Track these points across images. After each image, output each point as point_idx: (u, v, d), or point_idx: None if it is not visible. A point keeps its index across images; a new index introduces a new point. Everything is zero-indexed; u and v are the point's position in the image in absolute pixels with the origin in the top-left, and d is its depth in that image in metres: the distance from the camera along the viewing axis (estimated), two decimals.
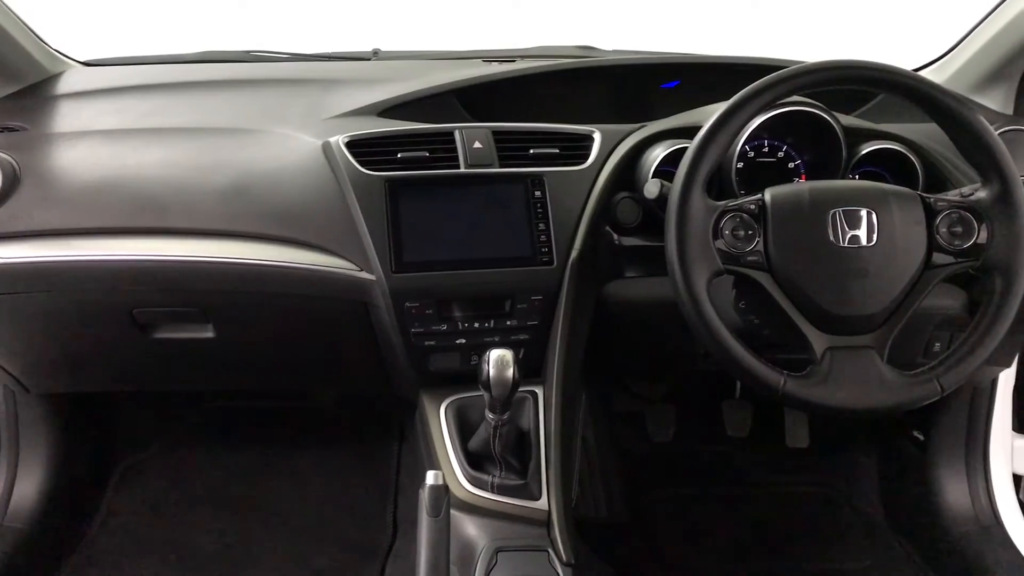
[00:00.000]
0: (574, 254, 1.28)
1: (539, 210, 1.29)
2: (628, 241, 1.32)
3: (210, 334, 1.39)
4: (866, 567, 1.74)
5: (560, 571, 1.13)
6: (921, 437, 1.75)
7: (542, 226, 1.28)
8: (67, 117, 1.51)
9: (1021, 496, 1.67)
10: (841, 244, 1.08)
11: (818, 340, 1.08)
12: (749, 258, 1.10)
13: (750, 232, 1.10)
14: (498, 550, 1.15)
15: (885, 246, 1.08)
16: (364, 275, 1.26)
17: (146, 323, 1.38)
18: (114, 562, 1.74)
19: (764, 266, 1.10)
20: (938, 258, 1.09)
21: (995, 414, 1.63)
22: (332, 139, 1.33)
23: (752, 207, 1.11)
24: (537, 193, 1.30)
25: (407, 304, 1.26)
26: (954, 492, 1.67)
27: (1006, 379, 1.62)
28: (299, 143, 1.37)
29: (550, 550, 1.16)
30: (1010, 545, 1.56)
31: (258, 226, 1.28)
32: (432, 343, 1.30)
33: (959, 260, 1.09)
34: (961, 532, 1.63)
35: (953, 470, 1.67)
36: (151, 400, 2.01)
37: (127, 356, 1.50)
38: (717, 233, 1.09)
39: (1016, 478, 1.66)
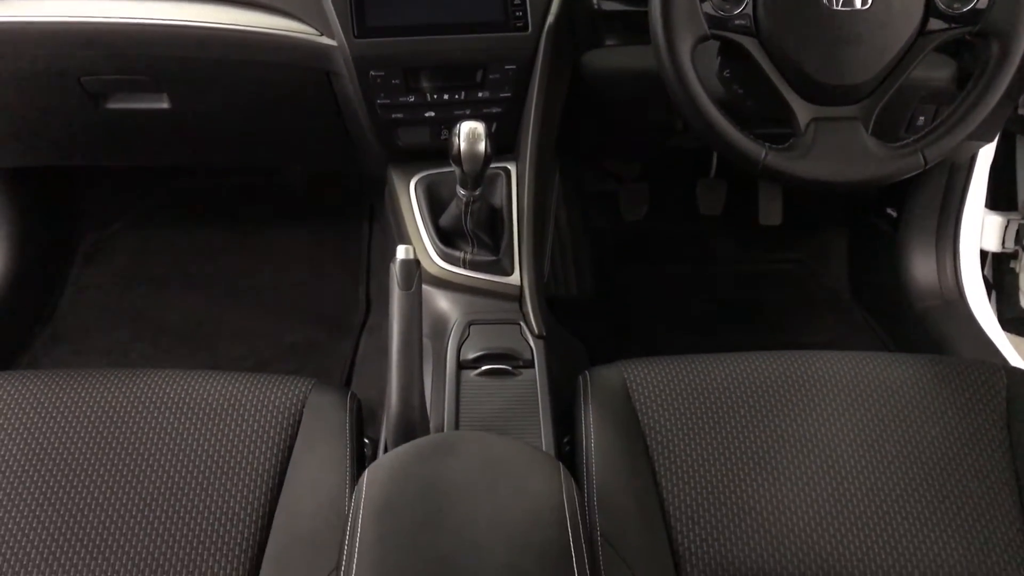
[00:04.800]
0: (550, 19, 1.20)
1: None
2: (608, 5, 1.23)
3: (165, 104, 1.32)
4: (829, 339, 1.79)
5: (531, 343, 1.15)
6: (895, 214, 1.75)
7: None
8: None
9: (986, 272, 1.70)
10: (835, 7, 1.02)
11: (803, 110, 1.05)
12: (737, 22, 1.03)
13: None
14: (470, 323, 1.16)
15: (880, 9, 1.02)
16: (325, 40, 1.18)
17: (96, 92, 1.31)
18: (84, 337, 1.76)
19: (752, 31, 1.04)
20: (934, 23, 1.04)
21: (970, 190, 1.63)
22: None
23: None
24: None
25: (371, 73, 1.19)
26: (922, 268, 1.69)
27: (984, 155, 1.60)
28: None
29: (522, 323, 1.17)
30: (971, 319, 1.60)
31: None
32: (399, 115, 1.24)
33: (955, 26, 1.03)
34: (925, 306, 1.67)
35: (923, 246, 1.69)
36: (114, 177, 1.96)
37: (79, 128, 1.44)
38: None
39: (983, 254, 1.69)
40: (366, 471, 0.76)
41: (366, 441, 1.06)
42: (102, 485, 0.95)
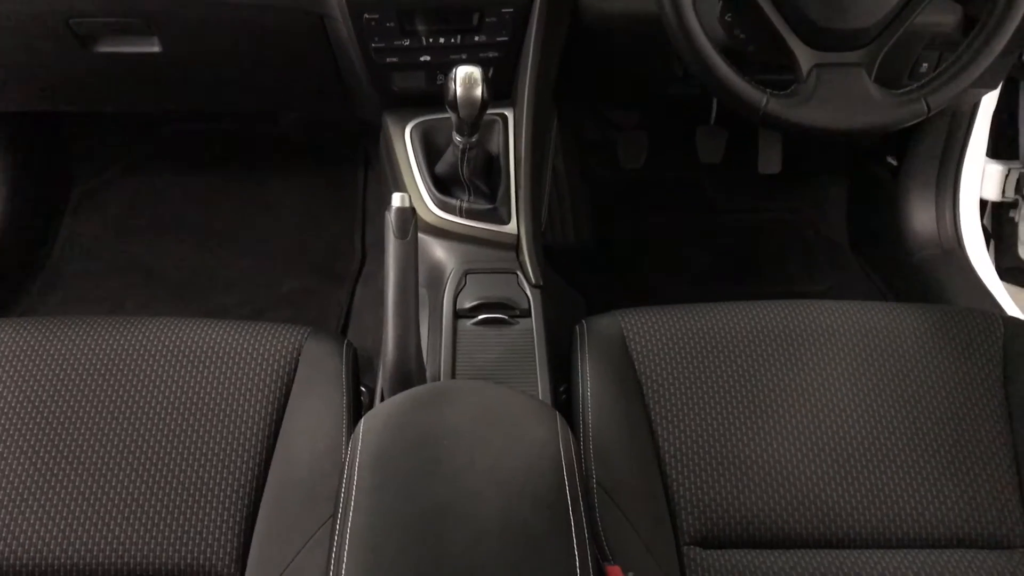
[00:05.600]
0: None
1: None
2: None
3: (156, 48, 1.29)
4: (827, 288, 1.79)
5: (528, 292, 1.14)
6: (895, 162, 1.73)
7: None
8: None
9: (985, 221, 1.69)
10: None
11: (805, 56, 1.03)
12: None
13: None
14: (467, 272, 1.15)
15: None
16: None
17: (86, 35, 1.28)
18: (79, 285, 1.75)
19: None
20: None
21: (971, 139, 1.61)
22: None
23: None
24: None
25: (366, 16, 1.16)
26: (921, 217, 1.68)
27: (987, 103, 1.58)
28: None
29: (518, 272, 1.17)
30: (969, 268, 1.60)
31: None
32: (394, 60, 1.22)
33: None
34: (923, 255, 1.67)
35: (923, 195, 1.68)
36: (105, 123, 1.93)
37: (69, 72, 1.41)
38: None
39: (982, 204, 1.68)
40: (362, 419, 0.76)
41: (362, 389, 1.06)
42: (98, 432, 0.95)
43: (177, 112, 1.93)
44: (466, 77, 1.02)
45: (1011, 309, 1.49)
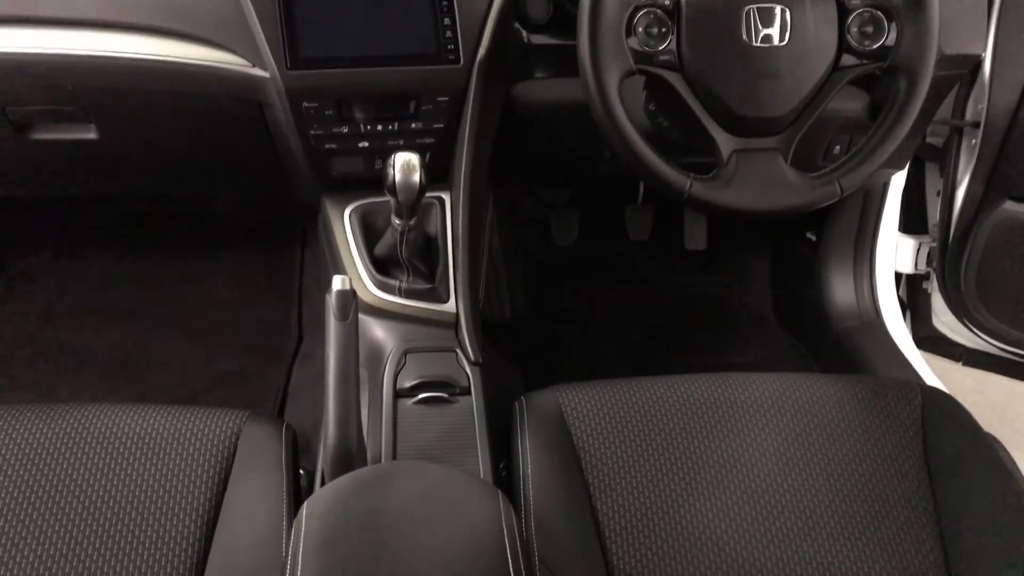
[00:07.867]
0: (482, 52, 1.22)
1: (444, 2, 1.21)
2: (538, 39, 1.27)
3: (93, 135, 1.30)
4: (755, 360, 1.85)
5: (468, 370, 1.16)
6: (814, 238, 1.81)
7: (447, 20, 1.21)
8: None
9: (900, 292, 1.77)
10: (754, 43, 1.06)
11: (725, 142, 1.09)
12: (661, 57, 1.07)
13: (663, 30, 1.07)
14: (407, 351, 1.17)
15: (796, 46, 1.07)
16: (257, 72, 1.18)
17: (22, 122, 1.28)
18: (8, 370, 1.70)
19: (676, 66, 1.07)
20: (847, 59, 1.09)
21: (884, 215, 1.70)
22: None
23: (667, 3, 1.07)
24: None
25: (305, 104, 1.20)
26: (840, 290, 1.76)
27: (897, 181, 1.68)
28: None
29: (458, 350, 1.18)
30: (887, 338, 1.67)
31: (138, 16, 1.17)
32: (333, 146, 1.25)
33: (867, 62, 1.09)
34: (844, 326, 1.73)
35: (841, 269, 1.76)
36: (35, 205, 1.91)
37: (4, 159, 1.40)
38: (630, 30, 1.06)
39: (897, 276, 1.76)
40: (304, 504, 0.76)
41: (301, 472, 1.06)
42: (30, 525, 0.93)
43: (111, 195, 1.92)
44: (404, 163, 1.05)
45: (928, 377, 1.55)
